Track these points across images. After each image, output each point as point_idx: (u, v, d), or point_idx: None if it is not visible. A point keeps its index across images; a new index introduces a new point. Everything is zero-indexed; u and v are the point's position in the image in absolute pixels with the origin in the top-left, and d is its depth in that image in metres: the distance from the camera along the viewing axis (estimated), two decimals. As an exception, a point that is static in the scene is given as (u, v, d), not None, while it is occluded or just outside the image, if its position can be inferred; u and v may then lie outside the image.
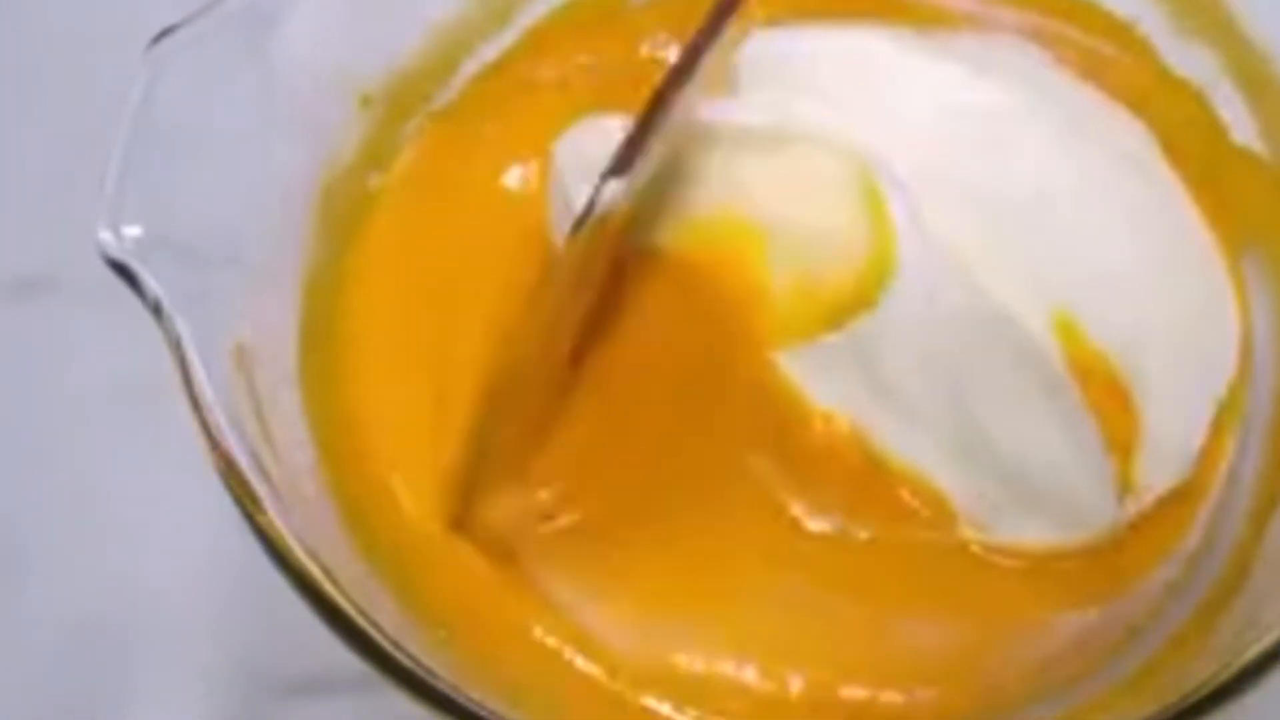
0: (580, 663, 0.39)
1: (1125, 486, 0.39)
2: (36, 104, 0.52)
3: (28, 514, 0.47)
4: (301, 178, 0.40)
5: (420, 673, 0.33)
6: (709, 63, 0.37)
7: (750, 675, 0.39)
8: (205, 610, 0.45)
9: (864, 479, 0.39)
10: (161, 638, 0.45)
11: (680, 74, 0.37)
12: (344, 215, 0.41)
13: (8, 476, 0.47)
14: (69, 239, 0.44)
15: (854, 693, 0.39)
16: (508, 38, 0.44)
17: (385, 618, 0.34)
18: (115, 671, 0.45)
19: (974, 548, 0.39)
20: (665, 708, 0.39)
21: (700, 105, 0.38)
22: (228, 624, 0.45)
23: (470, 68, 0.44)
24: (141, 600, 0.45)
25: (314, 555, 0.34)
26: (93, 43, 0.50)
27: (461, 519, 0.39)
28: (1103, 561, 0.39)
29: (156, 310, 0.35)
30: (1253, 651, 0.32)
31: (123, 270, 0.36)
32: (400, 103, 0.43)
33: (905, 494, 0.39)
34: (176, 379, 0.35)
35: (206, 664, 0.45)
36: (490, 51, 0.44)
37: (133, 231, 0.36)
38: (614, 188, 0.36)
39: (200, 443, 0.35)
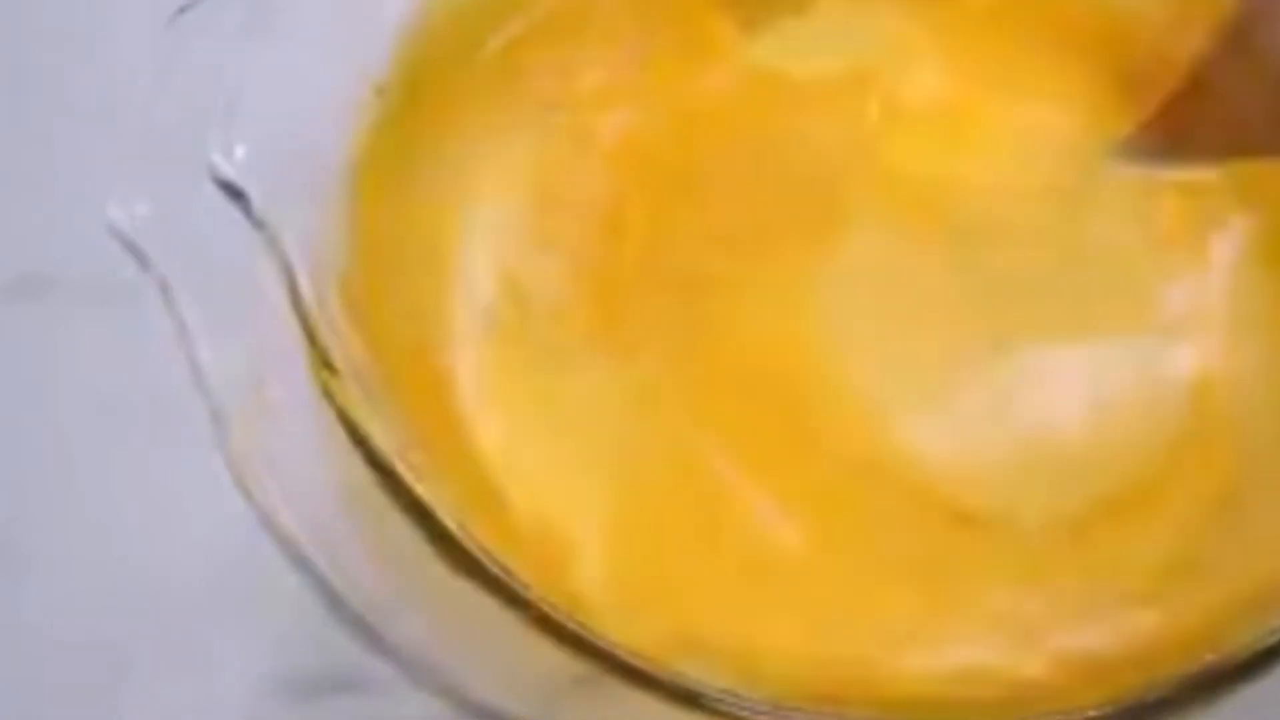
0: None
1: None
2: (36, 102, 0.51)
3: (28, 514, 0.46)
4: (315, 158, 0.40)
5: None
6: None
7: None
8: (207, 611, 0.44)
9: None
10: (162, 639, 0.44)
11: None
12: (357, 196, 0.41)
13: (7, 476, 0.46)
14: (69, 239, 0.44)
15: None
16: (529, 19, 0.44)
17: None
18: (115, 673, 0.44)
19: None
20: None
21: None
22: (230, 625, 0.44)
23: (485, 56, 0.43)
24: (143, 601, 0.45)
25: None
26: (92, 40, 0.50)
27: None
28: None
29: (164, 290, 0.35)
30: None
31: (132, 250, 0.36)
32: (416, 90, 0.42)
33: None
34: (176, 378, 0.35)
35: (208, 666, 0.44)
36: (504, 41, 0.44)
37: (141, 212, 0.36)
38: None
39: (200, 439, 0.35)
